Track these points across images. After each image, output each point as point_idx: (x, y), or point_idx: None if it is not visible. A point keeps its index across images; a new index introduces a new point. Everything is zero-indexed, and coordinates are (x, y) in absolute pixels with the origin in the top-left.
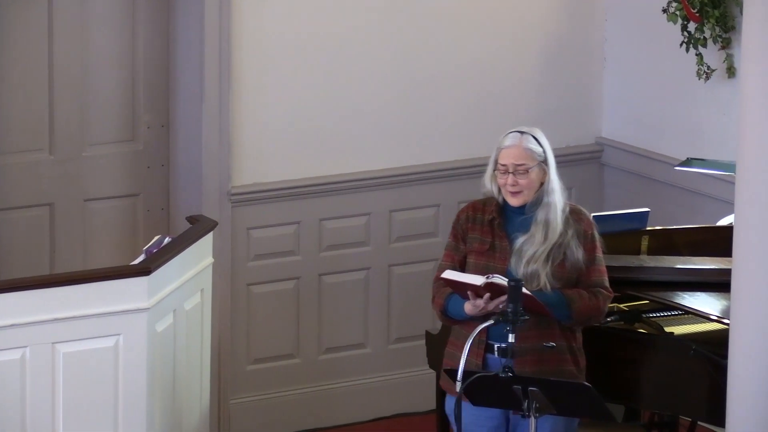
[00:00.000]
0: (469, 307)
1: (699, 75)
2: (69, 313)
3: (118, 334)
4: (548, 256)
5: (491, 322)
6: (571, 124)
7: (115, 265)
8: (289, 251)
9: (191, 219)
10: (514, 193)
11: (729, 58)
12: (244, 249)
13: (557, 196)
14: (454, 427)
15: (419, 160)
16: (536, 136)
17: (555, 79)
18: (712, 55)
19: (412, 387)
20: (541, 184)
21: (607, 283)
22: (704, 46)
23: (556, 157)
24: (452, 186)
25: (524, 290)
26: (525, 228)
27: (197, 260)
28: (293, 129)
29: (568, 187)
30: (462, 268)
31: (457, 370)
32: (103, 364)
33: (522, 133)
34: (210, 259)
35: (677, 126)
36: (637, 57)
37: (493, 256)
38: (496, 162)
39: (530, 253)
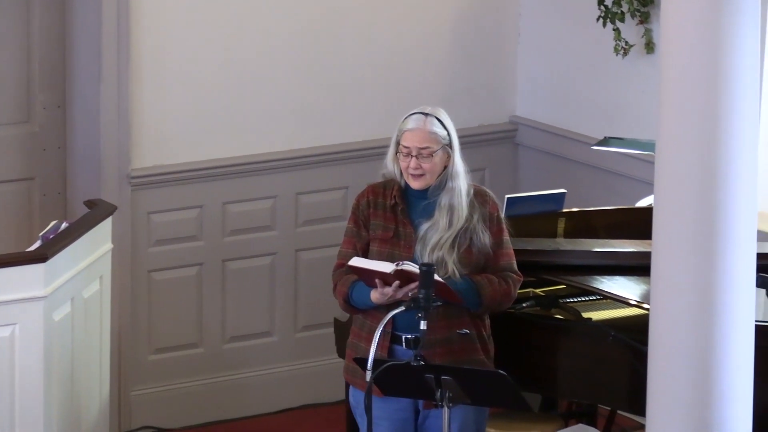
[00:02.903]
0: (376, 295)
1: (617, 51)
2: None
3: (14, 324)
4: (454, 242)
5: (401, 308)
6: (484, 102)
7: (9, 252)
8: (191, 236)
9: (89, 203)
10: (416, 177)
11: (647, 33)
12: (145, 234)
13: (461, 180)
14: (358, 420)
15: (327, 140)
16: (440, 118)
17: (467, 55)
18: (630, 30)
19: (321, 377)
20: (445, 167)
21: (515, 267)
22: (622, 20)
23: (468, 137)
24: (361, 167)
25: (436, 277)
26: (428, 213)
27: (96, 246)
28: (195, 109)
29: (481, 168)
30: (365, 255)
31: (366, 359)
32: None
33: (426, 115)
34: (109, 245)
35: (594, 104)
36: (552, 32)
37: (398, 244)
38: (398, 143)
39: (434, 240)
